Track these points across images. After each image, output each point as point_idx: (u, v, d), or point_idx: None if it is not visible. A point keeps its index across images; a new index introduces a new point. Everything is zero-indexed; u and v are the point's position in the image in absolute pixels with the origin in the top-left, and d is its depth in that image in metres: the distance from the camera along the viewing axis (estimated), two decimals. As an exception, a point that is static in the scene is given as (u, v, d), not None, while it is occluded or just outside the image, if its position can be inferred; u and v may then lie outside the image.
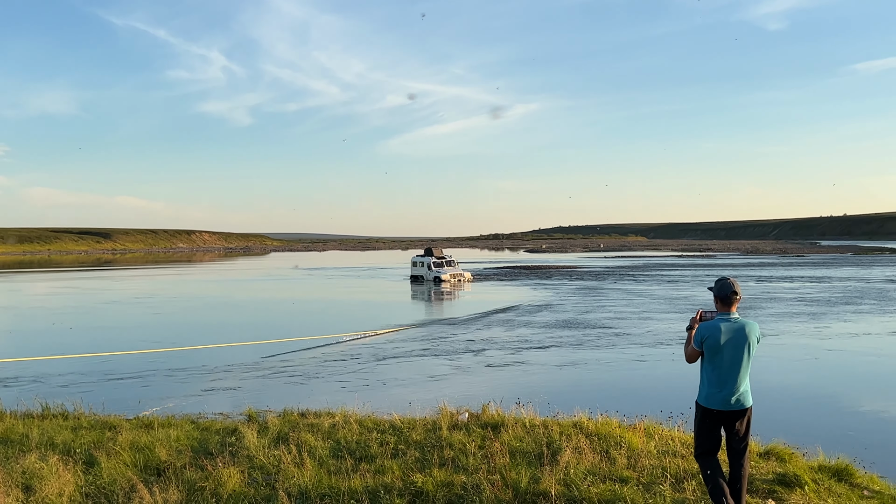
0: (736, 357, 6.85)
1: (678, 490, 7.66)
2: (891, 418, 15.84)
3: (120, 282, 71.34)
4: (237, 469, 8.40)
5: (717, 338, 6.86)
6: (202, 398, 17.57)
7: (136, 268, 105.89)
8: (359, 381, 19.77)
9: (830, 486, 8.77)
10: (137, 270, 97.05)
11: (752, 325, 6.95)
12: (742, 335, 6.87)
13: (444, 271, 65.17)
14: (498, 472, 8.07)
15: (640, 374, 21.02)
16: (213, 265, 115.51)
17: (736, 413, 6.93)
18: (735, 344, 6.85)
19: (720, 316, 6.98)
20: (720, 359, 6.87)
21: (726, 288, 6.97)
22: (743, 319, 6.96)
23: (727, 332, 6.86)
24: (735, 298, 6.96)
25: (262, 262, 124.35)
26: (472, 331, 30.62)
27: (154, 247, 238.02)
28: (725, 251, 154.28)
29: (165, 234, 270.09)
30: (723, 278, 7.09)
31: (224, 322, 36.45)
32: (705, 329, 6.94)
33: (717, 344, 6.85)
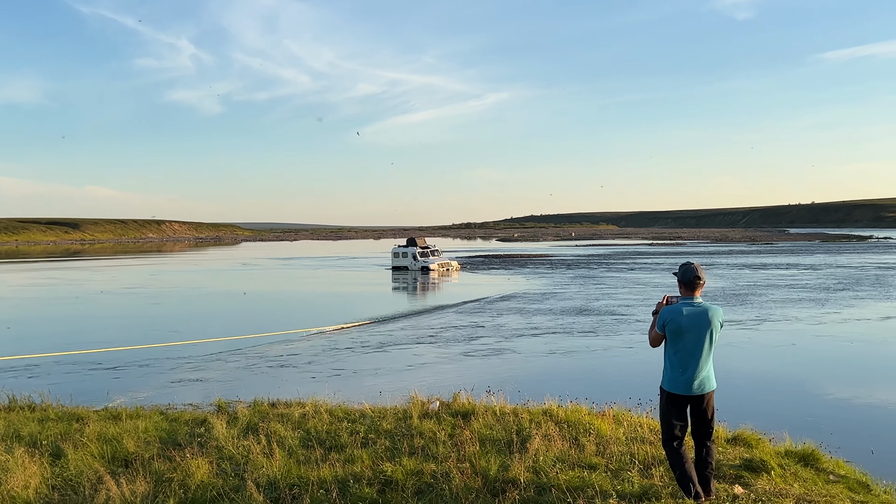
0: (698, 341, 6.87)
1: (646, 476, 7.71)
2: (857, 404, 16.04)
3: (89, 273, 70.62)
4: (206, 460, 8.35)
5: (679, 322, 6.88)
6: (173, 389, 17.46)
7: (106, 258, 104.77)
8: (333, 371, 19.73)
9: (797, 471, 8.86)
10: (107, 261, 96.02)
11: (715, 310, 6.97)
12: (705, 320, 6.89)
13: (431, 261, 64.17)
14: (467, 460, 8.08)
15: (611, 361, 21.15)
16: (184, 255, 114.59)
17: (698, 397, 6.97)
18: (697, 328, 6.87)
19: (683, 300, 7.00)
20: (682, 343, 6.89)
21: (690, 273, 6.99)
22: (706, 304, 6.99)
23: (690, 317, 6.88)
24: (698, 283, 6.98)
25: (234, 252, 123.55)
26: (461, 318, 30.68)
27: (123, 237, 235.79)
28: (695, 239, 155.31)
29: (135, 224, 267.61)
30: (687, 263, 7.10)
31: (198, 314, 36.17)
32: (668, 313, 6.95)
33: (680, 328, 6.87)
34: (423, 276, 59.72)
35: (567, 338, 25.09)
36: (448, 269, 63.75)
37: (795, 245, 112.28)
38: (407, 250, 66.44)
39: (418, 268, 63.83)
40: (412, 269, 64.44)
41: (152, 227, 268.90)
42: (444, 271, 62.93)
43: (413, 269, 64.49)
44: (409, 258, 65.61)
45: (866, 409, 15.62)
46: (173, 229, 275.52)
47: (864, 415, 15.17)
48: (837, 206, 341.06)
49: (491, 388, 13.56)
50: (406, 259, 65.97)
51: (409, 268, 65.02)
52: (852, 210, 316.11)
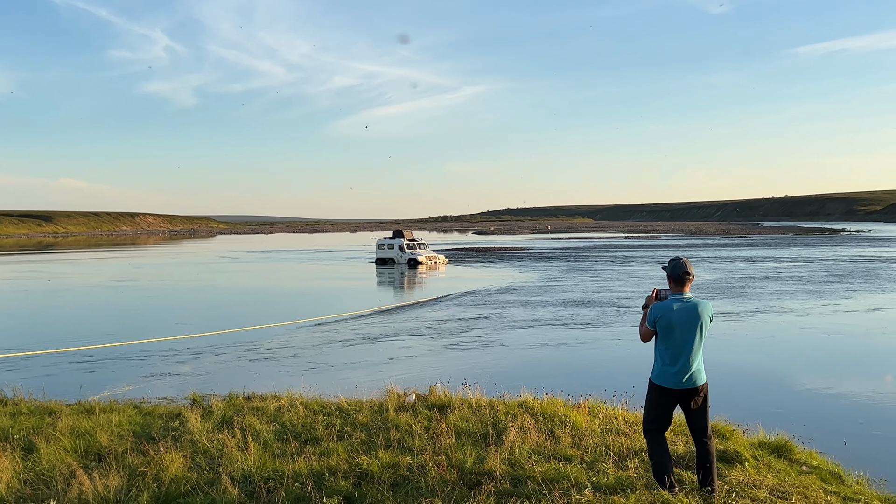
0: (688, 336, 6.93)
1: (621, 468, 7.75)
2: (831, 395, 16.18)
3: (62, 266, 70.00)
4: (180, 454, 8.30)
5: (669, 317, 6.93)
6: (147, 383, 17.32)
7: (81, 251, 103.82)
8: (311, 364, 19.64)
9: (770, 462, 8.95)
10: (84, 254, 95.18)
11: (704, 305, 7.03)
12: (694, 314, 6.95)
13: (419, 253, 63.02)
14: (443, 453, 8.08)
15: (591, 354, 21.23)
16: (161, 248, 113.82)
17: (689, 391, 7.02)
18: (687, 323, 6.93)
19: (673, 296, 7.06)
20: (673, 338, 6.95)
21: (679, 268, 7.04)
22: (696, 299, 7.04)
23: (680, 312, 6.94)
24: (688, 278, 7.03)
25: (210, 245, 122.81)
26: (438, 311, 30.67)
27: (97, 230, 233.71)
28: (670, 232, 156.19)
29: (108, 216, 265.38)
30: (676, 258, 7.15)
31: (176, 307, 35.92)
32: (658, 309, 7.01)
33: (670, 323, 6.93)
34: (410, 268, 59.03)
35: (559, 330, 25.12)
36: (436, 263, 62.87)
37: (769, 238, 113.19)
38: (393, 242, 65.19)
39: (405, 260, 62.61)
40: (399, 262, 63.36)
41: (126, 219, 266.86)
42: (433, 264, 62.08)
43: (400, 261, 63.35)
44: (396, 251, 64.37)
45: (840, 400, 15.77)
46: (147, 222, 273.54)
47: (838, 406, 15.30)
48: (810, 199, 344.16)
49: (467, 380, 13.54)
50: (392, 251, 64.79)
51: (396, 260, 63.85)
52: (825, 203, 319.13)
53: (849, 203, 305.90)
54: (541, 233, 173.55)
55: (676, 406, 7.19)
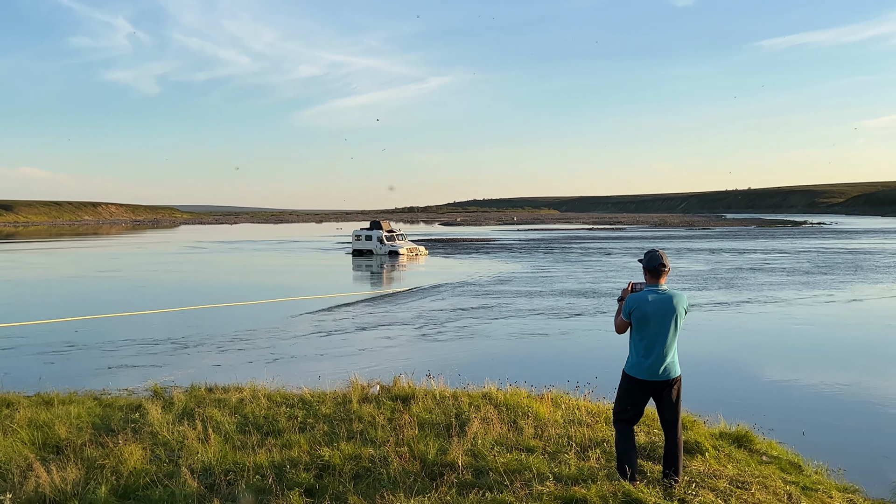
0: (663, 328, 6.97)
1: (583, 458, 7.78)
2: (792, 385, 16.35)
3: (23, 255, 69.03)
4: (139, 446, 8.22)
5: (644, 309, 6.97)
6: (109, 374, 17.09)
7: (41, 241, 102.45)
8: (279, 355, 19.46)
9: (730, 452, 9.04)
10: (42, 243, 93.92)
11: (679, 297, 7.07)
12: (669, 307, 6.99)
13: (399, 245, 61.88)
14: (406, 444, 8.07)
15: (558, 344, 21.27)
16: (126, 238, 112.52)
17: (663, 383, 7.07)
18: (662, 315, 6.97)
19: (649, 287, 7.09)
20: (647, 330, 6.98)
21: (655, 260, 7.08)
22: (671, 291, 7.08)
23: (655, 304, 6.97)
24: (663, 270, 7.06)
25: (176, 236, 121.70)
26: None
27: (59, 219, 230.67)
28: (635, 224, 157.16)
29: (70, 206, 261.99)
30: (652, 250, 7.18)
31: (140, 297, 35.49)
32: (633, 301, 7.04)
33: (645, 315, 6.97)
34: (390, 260, 58.00)
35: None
36: (417, 254, 61.76)
37: (732, 230, 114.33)
38: (371, 233, 63.71)
39: (385, 252, 61.38)
40: (378, 254, 62.12)
41: (88, 209, 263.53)
42: (414, 256, 61.05)
43: (379, 252, 62.05)
44: (374, 242, 62.94)
45: (802, 390, 15.93)
46: (110, 212, 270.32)
47: (800, 396, 15.46)
48: (773, 191, 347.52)
49: (433, 372, 13.52)
50: (371, 243, 63.34)
51: (375, 252, 62.52)
52: (787, 196, 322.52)
53: (811, 196, 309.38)
54: (507, 224, 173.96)
55: (649, 399, 7.23)
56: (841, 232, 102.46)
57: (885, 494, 8.70)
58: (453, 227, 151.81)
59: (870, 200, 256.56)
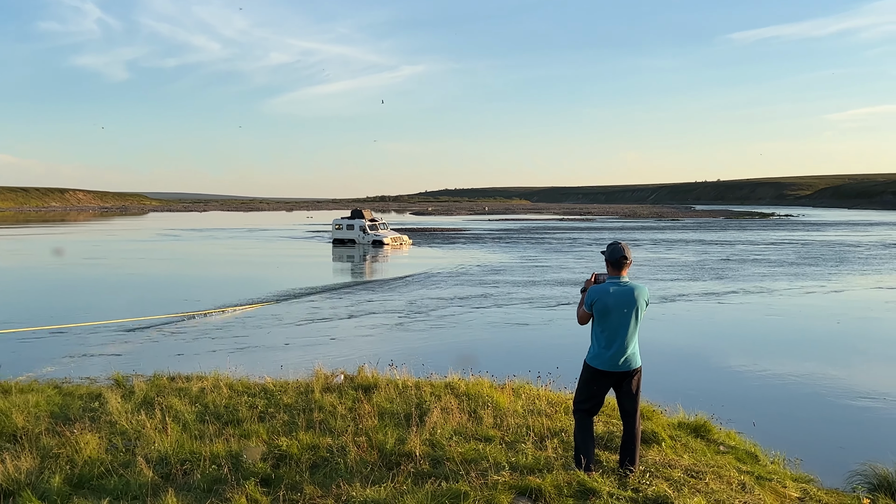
0: (623, 320, 7.02)
1: (540, 448, 7.83)
2: (753, 375, 16.52)
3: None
4: (96, 435, 8.17)
5: (605, 301, 7.02)
6: (73, 363, 16.91)
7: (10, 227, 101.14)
8: (249, 345, 19.33)
9: (688, 442, 9.13)
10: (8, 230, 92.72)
11: (641, 289, 7.13)
12: (630, 298, 7.04)
13: (383, 234, 60.72)
14: (365, 434, 8.08)
15: (524, 334, 21.36)
16: (96, 225, 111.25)
17: (623, 374, 7.12)
18: (623, 307, 7.02)
19: (610, 279, 7.14)
20: (608, 321, 7.04)
21: (617, 252, 7.12)
22: (633, 283, 7.13)
23: (616, 296, 7.03)
24: (625, 263, 7.11)
25: (145, 223, 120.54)
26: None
27: (25, 206, 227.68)
28: (605, 215, 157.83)
29: (37, 192, 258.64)
30: (614, 242, 7.23)
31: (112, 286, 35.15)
32: (595, 292, 7.09)
33: (606, 307, 7.02)
34: (374, 250, 57.04)
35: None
36: (401, 244, 60.70)
37: (700, 221, 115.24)
38: (353, 223, 62.40)
39: (369, 241, 60.16)
40: (360, 243, 60.87)
41: (55, 195, 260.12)
42: (398, 245, 59.95)
43: (362, 242, 60.81)
44: (357, 231, 61.68)
45: (763, 381, 16.09)
46: (77, 198, 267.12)
47: (760, 387, 15.62)
48: (742, 183, 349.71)
49: (404, 361, 13.50)
50: (352, 232, 62.06)
51: (357, 241, 61.32)
52: (756, 188, 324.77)
53: (779, 188, 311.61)
54: (478, 214, 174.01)
55: (609, 389, 7.29)
56: (810, 224, 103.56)
57: (840, 485, 8.82)
58: (425, 217, 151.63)
59: (837, 193, 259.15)
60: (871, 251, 52.20)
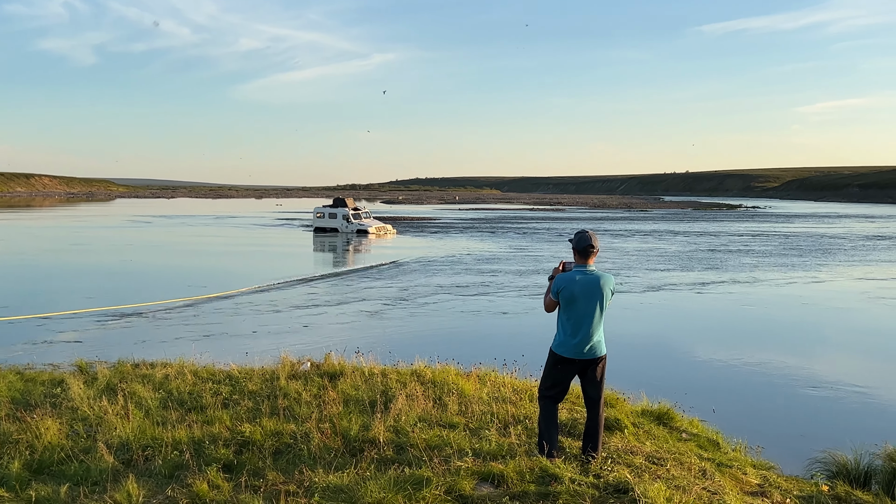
0: (589, 308, 7.05)
1: (504, 434, 7.85)
2: (715, 364, 16.70)
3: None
4: (57, 421, 8.08)
5: (571, 289, 7.04)
6: (36, 349, 16.75)
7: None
8: (214, 332, 19.26)
9: (650, 429, 9.21)
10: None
11: (606, 278, 7.16)
12: (596, 287, 7.07)
13: (368, 224, 60.19)
14: (329, 421, 8.06)
15: (490, 322, 21.43)
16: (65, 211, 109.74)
17: (588, 361, 7.15)
18: (589, 295, 7.05)
19: (577, 268, 7.16)
20: (574, 309, 7.06)
21: (584, 241, 7.15)
22: (598, 272, 7.16)
23: (582, 284, 7.05)
24: (592, 251, 7.14)
25: (113, 209, 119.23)
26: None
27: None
28: (575, 205, 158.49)
29: (2, 177, 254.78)
30: (582, 231, 7.25)
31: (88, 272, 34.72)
32: (561, 280, 7.11)
33: (572, 295, 7.04)
34: (358, 238, 56.46)
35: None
36: (385, 233, 60.05)
37: (669, 212, 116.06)
38: (336, 211, 61.92)
39: (352, 230, 59.58)
40: (343, 232, 60.22)
41: (20, 181, 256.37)
42: (382, 234, 59.32)
43: (345, 231, 60.19)
44: (340, 220, 61.14)
45: (728, 369, 16.29)
46: (43, 184, 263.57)
47: (725, 375, 15.81)
48: (710, 175, 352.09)
49: (372, 349, 13.51)
50: (335, 221, 61.48)
51: (340, 230, 60.71)
52: (724, 179, 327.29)
53: (746, 180, 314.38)
54: (449, 203, 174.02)
55: (575, 376, 7.32)
56: (780, 216, 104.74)
57: (799, 472, 8.95)
58: (396, 206, 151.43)
59: (803, 185, 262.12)
60: (853, 242, 53.00)
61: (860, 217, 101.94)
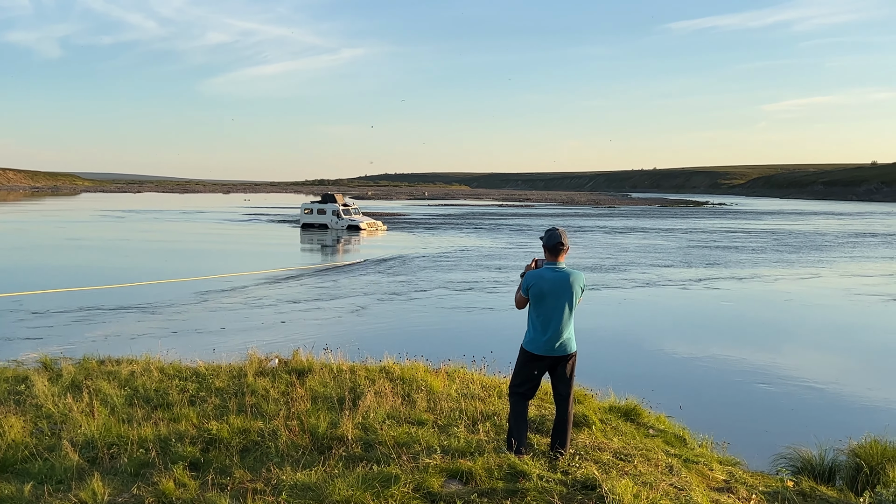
0: (559, 305, 7.06)
1: (472, 431, 7.86)
2: (683, 361, 16.85)
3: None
4: (21, 419, 7.99)
5: (541, 286, 7.05)
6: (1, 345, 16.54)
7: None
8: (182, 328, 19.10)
9: (618, 425, 9.27)
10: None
11: (576, 275, 7.17)
12: (566, 284, 7.08)
13: (359, 220, 59.60)
14: (297, 418, 8.02)
15: (461, 319, 21.45)
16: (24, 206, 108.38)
17: (558, 358, 7.17)
18: (559, 292, 7.06)
19: (547, 265, 7.17)
20: (544, 306, 7.07)
21: (554, 238, 7.16)
22: (568, 269, 7.17)
23: (552, 281, 7.06)
24: (562, 249, 7.15)
25: (82, 203, 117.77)
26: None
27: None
28: (543, 201, 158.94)
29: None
30: (552, 228, 7.26)
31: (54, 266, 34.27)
32: (531, 277, 7.12)
33: (542, 292, 7.05)
34: (349, 234, 55.76)
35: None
36: (376, 229, 59.55)
37: (636, 209, 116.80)
38: (325, 207, 61.14)
39: (343, 226, 58.89)
40: (333, 228, 59.45)
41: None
42: (374, 231, 58.73)
43: (335, 227, 59.44)
44: (329, 216, 60.41)
45: (696, 366, 16.45)
46: (7, 178, 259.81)
47: (692, 372, 15.96)
48: (677, 172, 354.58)
49: (329, 346, 13.50)
50: (324, 217, 60.77)
51: (330, 226, 59.88)
52: (691, 176, 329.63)
53: (713, 177, 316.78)
54: (418, 199, 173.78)
55: (545, 373, 7.34)
56: (748, 213, 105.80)
57: (765, 467, 9.06)
58: (365, 201, 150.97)
59: (769, 183, 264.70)
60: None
61: (826, 214, 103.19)
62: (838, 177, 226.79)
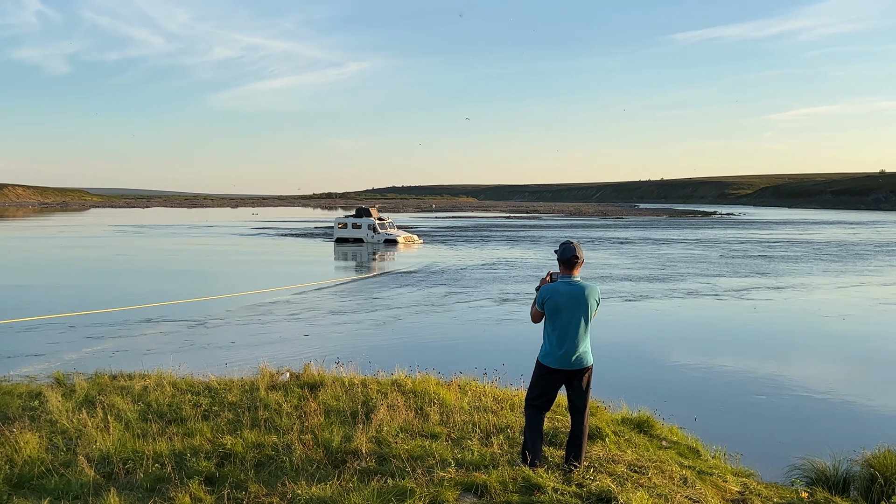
0: (574, 319, 7.08)
1: (486, 444, 7.87)
2: (695, 371, 16.77)
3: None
4: (36, 434, 8.03)
5: (556, 300, 7.08)
6: (12, 361, 16.51)
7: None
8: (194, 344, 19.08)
9: (631, 437, 9.25)
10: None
11: (592, 289, 7.19)
12: (581, 298, 7.11)
13: (395, 234, 59.18)
14: (310, 432, 8.05)
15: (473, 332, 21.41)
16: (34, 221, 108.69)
17: (575, 372, 7.19)
18: (574, 306, 7.09)
19: (562, 278, 7.20)
20: (559, 320, 7.09)
21: (568, 252, 7.17)
22: (584, 283, 7.19)
23: (567, 295, 7.09)
24: (577, 262, 7.17)
25: (90, 219, 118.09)
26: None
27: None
28: (551, 213, 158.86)
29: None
30: (566, 242, 7.27)
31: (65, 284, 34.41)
32: (546, 291, 7.14)
33: (557, 306, 7.08)
34: (386, 248, 55.38)
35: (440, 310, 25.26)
36: (412, 243, 59.25)
37: (644, 220, 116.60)
38: (360, 222, 60.58)
39: (380, 240, 58.32)
40: (369, 242, 58.94)
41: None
42: (410, 244, 58.43)
43: (371, 241, 58.87)
44: (365, 230, 59.84)
45: (708, 377, 16.35)
46: (17, 194, 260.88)
47: (704, 383, 15.87)
48: (685, 182, 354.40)
49: (340, 359, 13.51)
50: (360, 231, 60.21)
51: (365, 240, 59.34)
52: (698, 187, 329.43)
53: (721, 187, 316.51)
54: (425, 211, 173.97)
55: (561, 386, 7.35)
56: (757, 222, 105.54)
57: (779, 478, 9.02)
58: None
59: (777, 192, 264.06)
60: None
61: (839, 223, 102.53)
62: (846, 186, 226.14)
